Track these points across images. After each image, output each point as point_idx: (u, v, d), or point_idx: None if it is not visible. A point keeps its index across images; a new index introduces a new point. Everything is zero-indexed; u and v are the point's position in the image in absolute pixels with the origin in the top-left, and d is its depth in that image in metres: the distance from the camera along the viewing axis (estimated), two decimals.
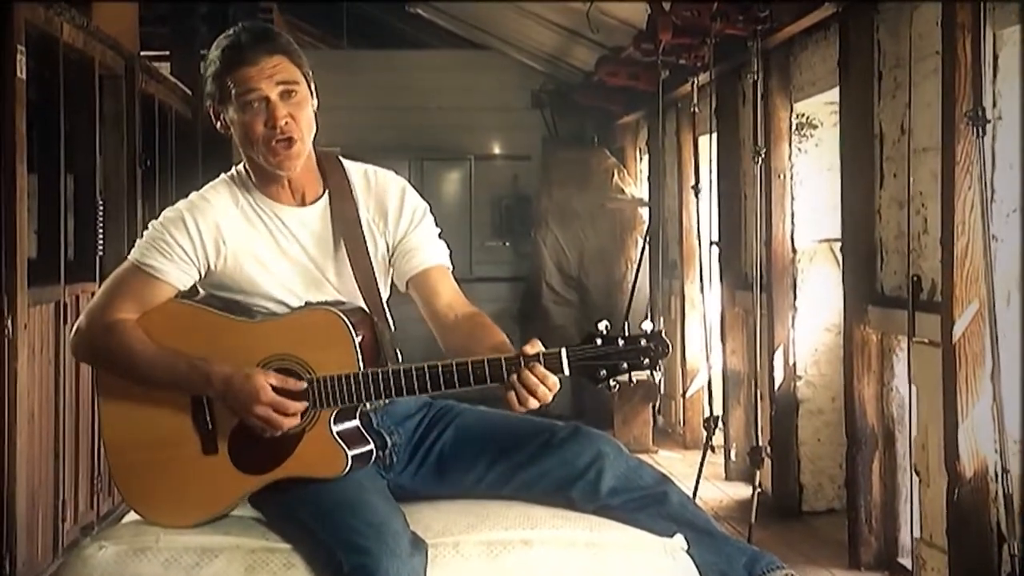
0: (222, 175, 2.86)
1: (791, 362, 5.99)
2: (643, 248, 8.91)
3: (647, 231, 8.83)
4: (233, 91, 2.67)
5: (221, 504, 2.72)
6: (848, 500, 5.16)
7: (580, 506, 2.77)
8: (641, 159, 9.62)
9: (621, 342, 2.55)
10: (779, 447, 5.93)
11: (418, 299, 2.83)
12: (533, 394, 2.52)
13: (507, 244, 10.69)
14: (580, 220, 9.45)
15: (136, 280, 2.74)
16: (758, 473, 5.43)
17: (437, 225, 2.88)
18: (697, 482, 5.97)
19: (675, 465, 7.24)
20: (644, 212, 9.17)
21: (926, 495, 4.53)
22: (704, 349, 6.87)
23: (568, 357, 2.54)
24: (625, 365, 2.55)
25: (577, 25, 8.02)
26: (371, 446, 2.71)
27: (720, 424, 6.39)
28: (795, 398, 6.01)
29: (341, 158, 2.86)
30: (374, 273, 2.79)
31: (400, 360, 2.69)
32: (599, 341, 2.55)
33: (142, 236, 2.79)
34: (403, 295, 2.88)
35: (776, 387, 5.97)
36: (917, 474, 4.60)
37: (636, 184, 9.58)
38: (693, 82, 6.62)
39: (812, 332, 6.02)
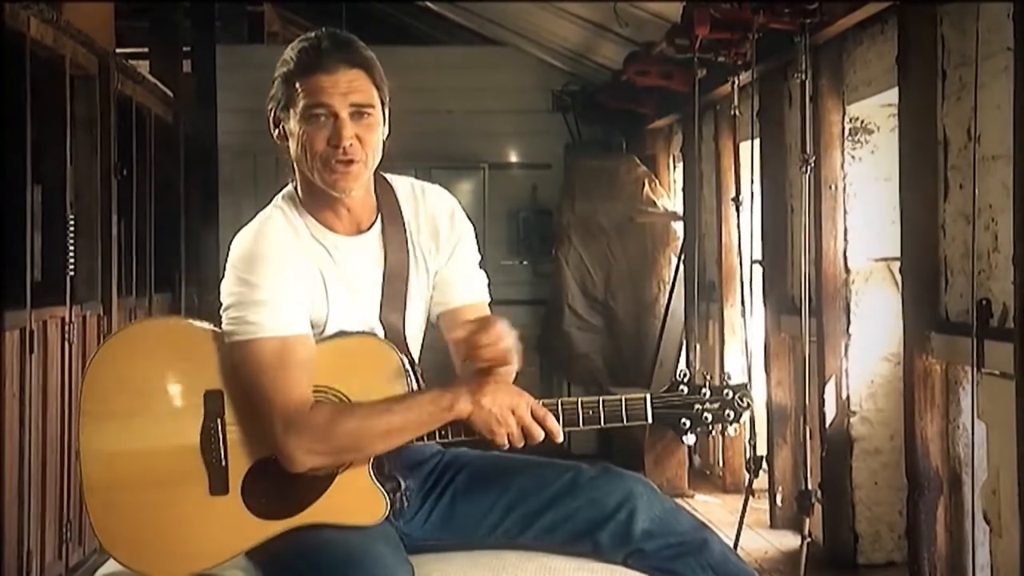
0: (276, 198, 2.84)
1: (844, 395, 5.97)
2: (677, 267, 8.91)
3: (682, 248, 8.83)
4: (301, 99, 2.68)
5: (227, 552, 2.70)
6: (909, 551, 5.13)
7: (609, 552, 2.77)
8: (675, 168, 9.62)
9: (707, 392, 2.75)
10: (831, 491, 5.91)
11: (445, 335, 2.88)
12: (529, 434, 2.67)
13: (525, 263, 10.70)
14: (607, 236, 9.45)
15: (274, 351, 2.67)
16: (807, 520, 5.41)
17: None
18: (739, 530, 5.95)
19: (714, 511, 7.22)
20: (678, 227, 9.17)
21: (997, 546, 4.50)
22: (746, 381, 6.84)
23: (652, 404, 2.73)
24: (709, 416, 2.75)
25: (604, 19, 8.03)
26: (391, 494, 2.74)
27: (764, 465, 6.37)
28: (849, 436, 5.98)
29: (384, 174, 2.87)
30: (405, 305, 2.82)
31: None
32: (684, 389, 2.75)
33: (228, 309, 2.70)
34: None
35: (827, 424, 5.95)
36: (987, 522, 4.57)
37: (669, 196, 9.58)
38: (733, 82, 6.62)
39: (867, 362, 6.00)
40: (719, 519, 6.76)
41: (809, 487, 5.51)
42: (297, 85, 2.69)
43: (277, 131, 2.78)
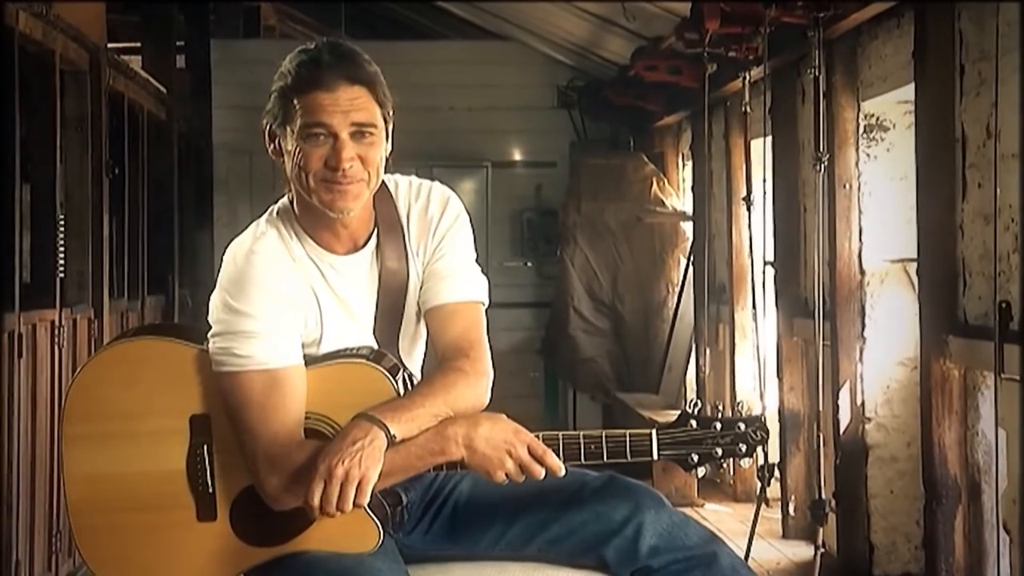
0: (272, 210, 2.80)
1: (859, 401, 5.96)
2: (686, 269, 8.90)
3: (691, 249, 8.82)
4: (299, 117, 2.62)
5: None
6: (927, 562, 5.12)
7: (615, 568, 2.76)
8: (684, 166, 9.61)
9: (718, 425, 2.69)
10: (845, 500, 5.90)
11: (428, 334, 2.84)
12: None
13: (529, 264, 10.70)
14: (613, 236, 9.44)
15: (262, 385, 2.64)
16: (821, 530, 5.39)
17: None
18: (750, 540, 5.94)
19: (724, 521, 7.22)
20: (687, 227, 9.16)
21: (1017, 557, 4.48)
22: (757, 386, 6.84)
23: (659, 439, 2.69)
24: (719, 451, 2.70)
25: (611, 12, 8.03)
26: (387, 512, 2.73)
27: (776, 473, 6.36)
28: (864, 443, 5.97)
29: (384, 176, 2.79)
30: (402, 319, 2.79)
31: None
32: (693, 423, 2.69)
33: (216, 336, 2.66)
34: None
35: (841, 430, 5.94)
36: (1007, 532, 4.56)
37: (678, 195, 9.57)
38: (744, 77, 6.62)
39: (883, 367, 5.99)
40: (730, 529, 6.75)
41: (823, 496, 5.49)
42: (295, 102, 2.62)
43: (272, 146, 2.72)
